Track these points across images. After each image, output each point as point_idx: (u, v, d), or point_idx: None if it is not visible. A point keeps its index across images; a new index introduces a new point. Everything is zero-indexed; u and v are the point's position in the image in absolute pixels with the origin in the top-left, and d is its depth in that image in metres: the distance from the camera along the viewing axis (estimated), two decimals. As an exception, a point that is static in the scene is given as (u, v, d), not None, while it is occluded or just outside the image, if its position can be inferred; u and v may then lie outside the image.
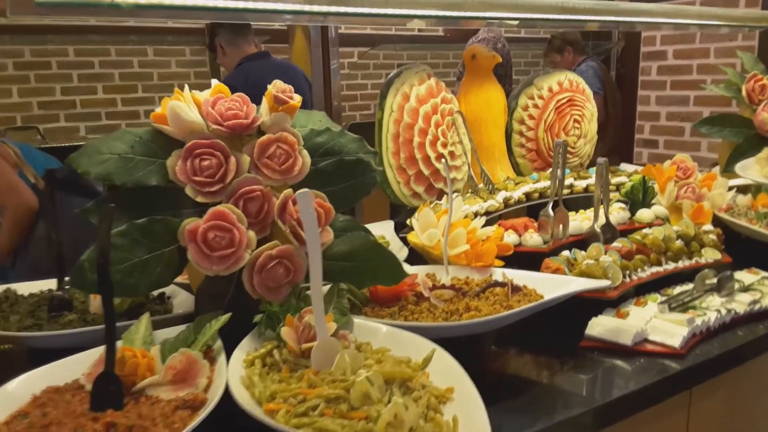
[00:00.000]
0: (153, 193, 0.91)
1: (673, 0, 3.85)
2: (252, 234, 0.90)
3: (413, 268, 1.16)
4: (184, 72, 4.07)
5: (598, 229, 1.35)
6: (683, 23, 1.89)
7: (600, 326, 1.04)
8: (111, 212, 0.77)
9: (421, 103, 1.64)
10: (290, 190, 0.92)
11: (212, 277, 0.89)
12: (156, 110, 0.93)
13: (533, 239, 1.36)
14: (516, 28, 4.83)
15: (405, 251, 1.39)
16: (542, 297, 1.02)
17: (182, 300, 1.12)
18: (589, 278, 1.10)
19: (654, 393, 0.94)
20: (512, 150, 1.88)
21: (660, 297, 1.17)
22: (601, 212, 1.37)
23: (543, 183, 1.60)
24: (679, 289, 1.20)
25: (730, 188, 1.62)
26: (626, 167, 1.90)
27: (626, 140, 4.30)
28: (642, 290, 1.20)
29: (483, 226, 1.24)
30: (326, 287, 0.96)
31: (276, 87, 0.95)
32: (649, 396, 0.94)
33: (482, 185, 1.65)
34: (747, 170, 1.70)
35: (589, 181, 1.65)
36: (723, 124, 1.91)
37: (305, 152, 0.96)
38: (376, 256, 0.96)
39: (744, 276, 1.26)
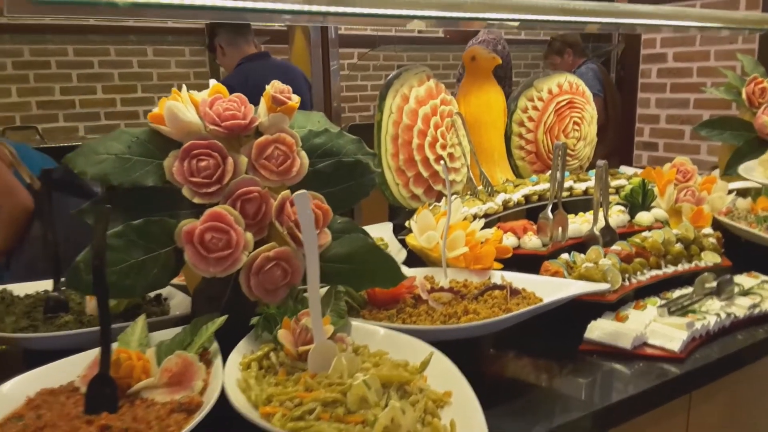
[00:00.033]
0: (150, 194, 0.90)
1: (674, 2, 3.84)
2: (249, 235, 0.89)
3: (411, 271, 1.15)
4: (184, 72, 4.07)
5: (598, 232, 1.35)
6: (683, 25, 1.89)
7: (599, 330, 1.04)
8: (107, 213, 0.76)
9: (421, 105, 1.63)
10: (288, 192, 0.91)
11: (209, 279, 0.88)
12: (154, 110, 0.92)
13: (532, 242, 1.36)
14: (516, 30, 4.83)
15: (403, 253, 1.38)
16: (541, 300, 1.01)
17: (179, 301, 1.12)
18: (588, 281, 1.10)
19: (653, 397, 0.94)
20: (511, 152, 1.87)
21: (659, 300, 1.16)
22: (601, 215, 1.37)
23: (542, 185, 1.60)
24: (679, 293, 1.20)
25: (730, 191, 1.61)
26: (626, 170, 1.90)
27: (626, 143, 4.30)
28: (641, 294, 1.19)
29: (482, 229, 1.24)
30: (324, 289, 0.95)
31: (274, 87, 0.94)
32: (649, 400, 0.94)
33: (481, 187, 1.65)
34: (751, 172, 1.70)
35: (589, 184, 1.65)
36: (723, 127, 1.91)
37: (303, 153, 0.96)
38: (374, 259, 0.95)
39: (744, 280, 1.26)
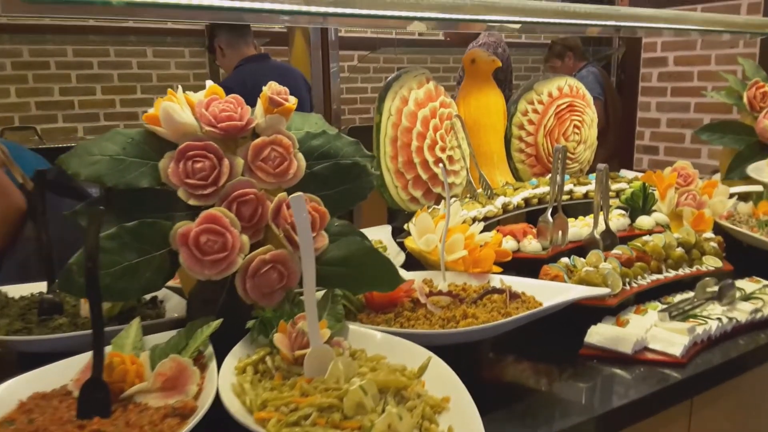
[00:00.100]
0: (144, 196, 0.89)
1: (675, 6, 3.84)
2: (245, 238, 0.88)
3: (410, 274, 1.14)
4: (184, 73, 4.06)
5: (598, 236, 1.34)
6: (684, 29, 1.88)
7: (599, 334, 1.03)
8: (100, 214, 0.75)
9: (420, 107, 1.63)
10: (285, 194, 0.90)
11: (204, 282, 0.87)
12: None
13: (532, 245, 1.35)
14: (516, 33, 4.82)
15: (402, 256, 1.37)
16: (541, 304, 1.00)
17: (175, 304, 1.10)
18: (589, 285, 1.09)
19: (654, 402, 0.93)
20: (511, 155, 1.86)
21: (660, 305, 1.15)
22: (601, 219, 1.36)
23: (542, 189, 1.59)
24: (680, 297, 1.19)
25: (731, 196, 1.61)
26: (626, 173, 1.89)
27: (626, 146, 4.30)
28: (642, 298, 1.18)
29: (481, 232, 1.23)
30: (321, 293, 0.94)
31: (271, 89, 0.93)
32: (650, 405, 0.93)
33: (481, 190, 1.64)
34: (760, 172, 1.70)
35: (589, 187, 1.64)
36: (724, 131, 1.90)
37: (300, 155, 0.95)
38: (372, 262, 0.94)
39: (745, 284, 1.25)
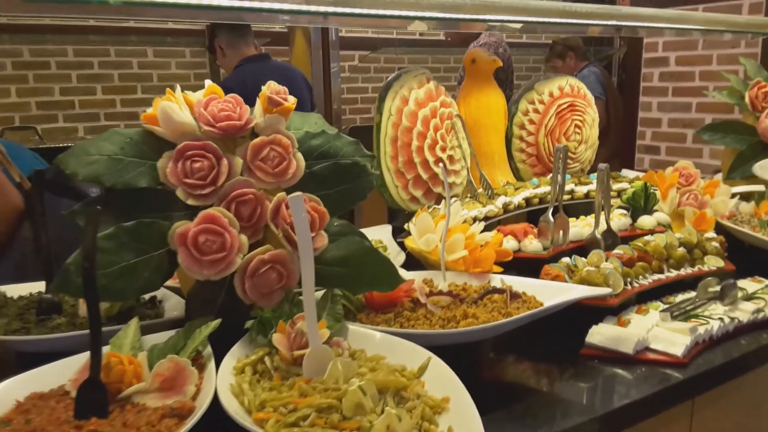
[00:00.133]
0: (143, 196, 0.88)
1: (676, 6, 3.83)
2: (244, 238, 0.88)
3: (410, 274, 1.13)
4: (184, 73, 4.06)
5: (599, 236, 1.33)
6: (686, 29, 1.87)
7: (601, 334, 1.02)
8: (97, 214, 0.75)
9: (420, 107, 1.62)
10: (284, 194, 0.90)
11: (203, 282, 0.87)
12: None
13: (533, 245, 1.35)
14: (518, 33, 4.81)
15: (402, 256, 1.37)
16: (542, 304, 1.00)
17: (174, 304, 1.10)
18: (590, 285, 1.08)
19: (656, 402, 0.92)
20: (512, 155, 1.86)
21: (662, 305, 1.15)
22: (602, 218, 1.35)
23: (543, 188, 1.58)
24: (682, 297, 1.18)
25: (733, 195, 1.60)
26: (628, 173, 1.88)
27: (628, 146, 4.30)
28: (643, 298, 1.18)
29: (482, 232, 1.22)
30: (320, 293, 0.94)
31: (270, 88, 0.93)
32: (651, 405, 0.92)
33: (481, 190, 1.63)
34: (766, 170, 1.69)
35: (590, 187, 1.63)
36: (726, 131, 1.89)
37: (299, 155, 0.94)
38: (372, 262, 0.94)
39: (747, 284, 1.24)
